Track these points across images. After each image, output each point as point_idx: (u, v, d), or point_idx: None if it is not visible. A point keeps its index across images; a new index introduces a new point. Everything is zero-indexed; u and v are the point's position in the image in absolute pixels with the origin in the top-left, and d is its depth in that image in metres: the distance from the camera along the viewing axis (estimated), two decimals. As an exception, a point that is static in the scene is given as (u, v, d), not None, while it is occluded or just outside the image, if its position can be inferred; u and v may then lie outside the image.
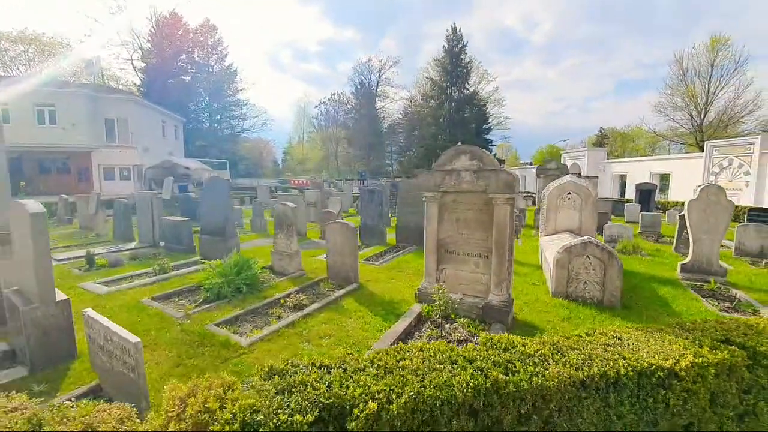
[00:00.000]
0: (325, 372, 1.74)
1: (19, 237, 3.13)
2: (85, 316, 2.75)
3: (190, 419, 1.46)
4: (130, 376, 2.37)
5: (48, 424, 1.46)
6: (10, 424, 1.41)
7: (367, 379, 1.67)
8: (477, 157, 3.90)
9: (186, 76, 44.55)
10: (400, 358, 1.87)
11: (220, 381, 1.65)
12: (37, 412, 1.50)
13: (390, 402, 1.54)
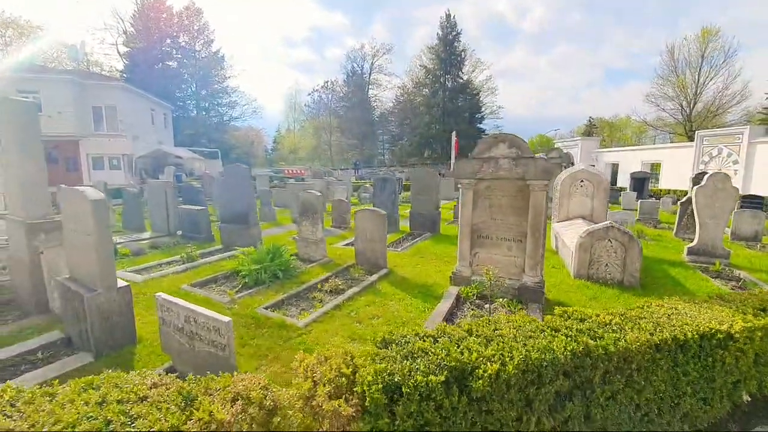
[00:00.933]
0: (432, 341, 1.90)
1: (75, 224, 3.15)
2: (159, 299, 2.83)
3: (330, 384, 1.60)
4: (218, 355, 2.49)
5: (196, 396, 1.57)
6: (162, 398, 1.51)
7: (475, 345, 1.84)
8: (516, 145, 4.05)
9: (171, 61, 43.16)
10: (494, 329, 2.05)
11: (342, 350, 1.80)
12: (183, 384, 1.61)
13: (504, 364, 1.71)
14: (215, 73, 45.96)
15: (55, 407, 1.38)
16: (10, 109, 3.71)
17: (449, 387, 1.65)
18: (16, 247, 3.95)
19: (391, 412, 1.57)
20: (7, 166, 3.88)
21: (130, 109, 26.66)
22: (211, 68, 45.14)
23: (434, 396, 1.58)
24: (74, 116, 23.39)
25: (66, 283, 3.24)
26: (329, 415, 1.50)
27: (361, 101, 46.08)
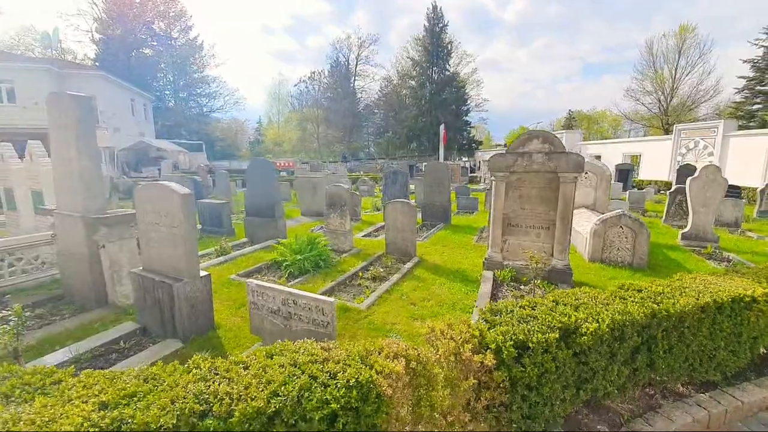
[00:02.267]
0: (530, 309, 2.27)
1: (156, 218, 3.31)
2: (251, 285, 3.07)
3: (469, 342, 1.94)
4: (319, 332, 2.77)
5: (366, 354, 1.87)
6: (342, 358, 1.79)
7: (568, 311, 2.22)
8: (549, 141, 4.46)
9: (146, 49, 41.39)
10: (576, 299, 2.44)
11: (459, 319, 2.14)
12: (348, 347, 1.91)
13: (598, 323, 2.10)
14: (193, 61, 44.46)
15: (257, 371, 1.65)
16: (71, 104, 3.77)
17: (559, 342, 2.03)
18: (72, 242, 4.03)
19: (518, 363, 1.93)
20: (63, 161, 3.94)
21: (110, 99, 25.60)
22: (189, 56, 43.62)
23: (551, 350, 1.96)
24: (51, 107, 22.19)
25: (146, 274, 3.41)
26: (475, 366, 1.84)
27: (347, 93, 45.75)
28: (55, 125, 3.91)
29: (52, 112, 3.92)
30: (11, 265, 4.62)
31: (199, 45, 44.25)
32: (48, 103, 3.97)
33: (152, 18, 41.12)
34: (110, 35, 36.64)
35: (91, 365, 2.92)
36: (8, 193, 5.94)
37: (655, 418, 2.42)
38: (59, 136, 3.90)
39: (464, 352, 1.86)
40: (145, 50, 41.40)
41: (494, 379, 1.91)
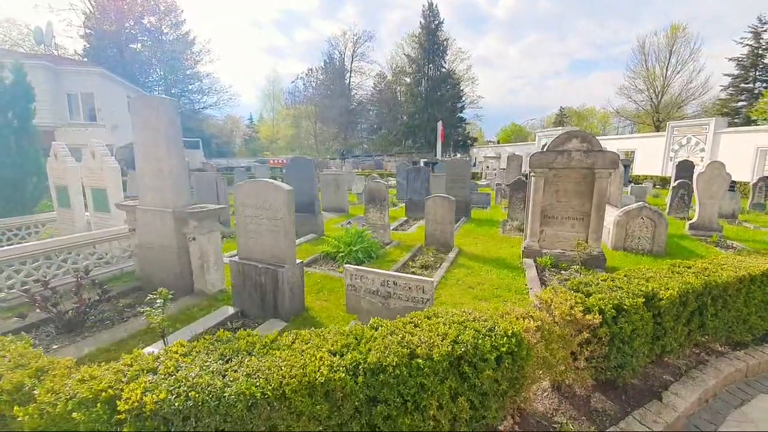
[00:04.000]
0: (611, 281, 2.76)
1: (258, 211, 3.68)
2: (349, 269, 3.49)
3: (578, 306, 2.41)
4: (417, 307, 3.21)
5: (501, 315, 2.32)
6: (483, 318, 2.24)
7: (643, 282, 2.72)
8: (587, 140, 4.97)
9: (136, 44, 40.65)
10: (642, 274, 2.94)
11: (561, 289, 2.61)
12: (482, 312, 2.35)
13: (670, 291, 2.61)
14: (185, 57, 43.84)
15: (430, 327, 2.08)
16: (161, 107, 4.08)
17: (644, 306, 2.52)
18: (160, 235, 4.36)
19: (615, 322, 2.42)
20: (151, 160, 4.26)
21: (108, 96, 25.23)
22: (181, 52, 42.99)
23: (639, 311, 2.45)
24: (48, 105, 21.85)
25: (246, 262, 3.79)
26: (585, 324, 2.32)
27: (343, 90, 45.84)
28: (143, 127, 4.22)
29: (139, 114, 4.22)
30: (85, 259, 4.91)
31: (191, 40, 43.63)
32: (135, 106, 4.28)
33: (142, 13, 40.36)
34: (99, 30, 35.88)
35: (213, 342, 3.30)
36: (61, 191, 6.16)
37: (706, 368, 2.95)
38: (146, 137, 4.20)
39: (576, 313, 2.33)
40: (135, 46, 40.68)
41: (597, 335, 2.40)
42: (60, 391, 1.56)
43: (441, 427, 1.89)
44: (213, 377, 1.59)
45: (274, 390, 1.56)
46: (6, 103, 6.39)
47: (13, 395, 1.66)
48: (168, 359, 1.74)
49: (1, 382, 1.67)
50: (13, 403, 1.60)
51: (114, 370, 1.66)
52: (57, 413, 1.49)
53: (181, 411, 1.45)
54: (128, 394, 1.49)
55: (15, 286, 4.22)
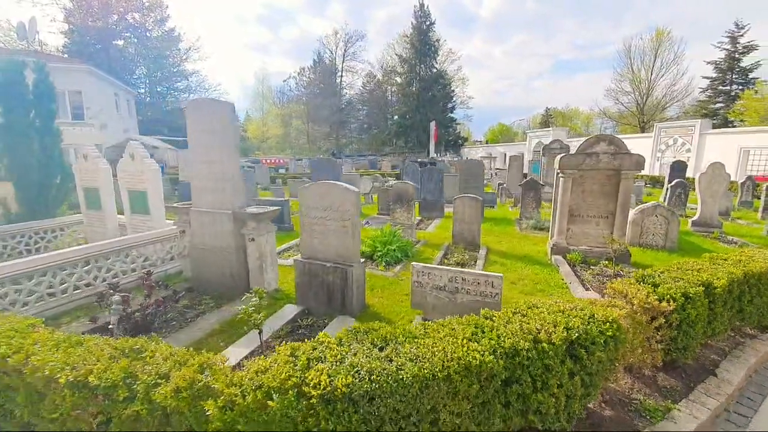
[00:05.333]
0: (667, 272, 3.07)
1: (325, 212, 3.83)
2: (417, 267, 3.69)
3: (652, 295, 2.69)
4: (486, 302, 3.44)
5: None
6: (572, 308, 2.48)
7: (696, 272, 3.05)
8: (614, 143, 5.32)
9: (119, 40, 39.46)
10: (691, 266, 3.27)
11: (629, 281, 2.90)
12: (563, 306, 2.60)
13: (722, 280, 2.93)
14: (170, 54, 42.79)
15: (533, 318, 2.32)
16: (219, 110, 4.17)
17: (703, 294, 2.84)
18: (216, 236, 4.44)
19: (683, 309, 2.71)
20: (207, 163, 4.34)
21: (96, 94, 24.46)
22: (166, 49, 41.94)
23: (699, 297, 2.76)
24: (34, 102, 20.99)
25: (313, 261, 3.93)
26: (661, 310, 2.61)
27: (335, 89, 45.75)
28: (199, 129, 4.30)
29: (195, 116, 4.30)
30: (132, 261, 4.93)
31: (177, 37, 42.60)
32: (190, 109, 4.35)
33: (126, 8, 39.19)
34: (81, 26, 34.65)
35: (291, 339, 3.45)
36: (90, 193, 6.10)
37: (744, 349, 3.31)
38: (205, 139, 4.28)
39: (653, 301, 2.62)
40: (119, 42, 39.49)
41: (669, 321, 2.69)
42: (240, 383, 1.70)
43: (559, 404, 2.13)
44: (382, 362, 1.78)
45: (440, 372, 1.75)
46: (29, 102, 6.27)
47: (188, 391, 1.74)
48: (326, 348, 1.91)
49: (173, 380, 1.73)
50: (192, 399, 1.69)
51: (283, 360, 1.81)
52: (248, 403, 1.62)
53: (368, 393, 1.63)
54: (315, 380, 1.65)
55: (68, 290, 4.22)
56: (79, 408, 1.82)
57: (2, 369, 2.02)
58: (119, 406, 1.75)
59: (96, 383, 1.74)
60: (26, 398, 1.98)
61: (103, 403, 1.79)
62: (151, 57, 40.66)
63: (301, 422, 1.62)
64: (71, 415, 1.84)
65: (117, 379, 1.76)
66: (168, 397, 1.64)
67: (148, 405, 1.71)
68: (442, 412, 1.82)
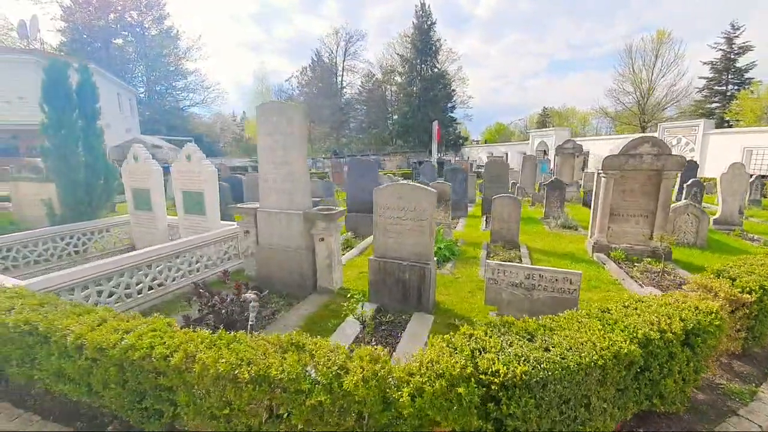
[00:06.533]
0: (738, 267, 3.28)
1: (400, 213, 3.97)
2: (491, 265, 3.85)
3: (737, 287, 2.89)
4: (563, 298, 3.61)
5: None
6: (660, 302, 2.68)
7: (759, 266, 3.25)
8: (657, 144, 5.54)
9: (117, 39, 39.00)
10: (753, 261, 3.48)
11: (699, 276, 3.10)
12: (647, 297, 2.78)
13: (798, 276, 3.15)
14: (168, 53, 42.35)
15: (645, 311, 2.49)
16: (295, 113, 4.28)
17: (779, 289, 3.05)
18: (285, 236, 4.54)
19: (761, 300, 2.92)
20: (278, 165, 4.44)
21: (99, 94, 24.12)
22: (164, 48, 41.50)
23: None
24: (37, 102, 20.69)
25: (388, 260, 4.07)
26: (743, 300, 2.81)
27: (335, 88, 45.71)
28: (271, 131, 4.39)
29: (268, 119, 4.39)
30: (197, 261, 5.02)
31: (175, 35, 42.18)
32: (260, 112, 4.45)
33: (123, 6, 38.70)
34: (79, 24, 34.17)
35: (378, 335, 3.59)
36: (139, 193, 6.15)
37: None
38: (276, 141, 4.38)
39: (736, 293, 2.82)
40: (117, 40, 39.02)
41: (750, 311, 2.89)
42: (416, 373, 1.84)
43: (677, 387, 2.31)
44: (540, 352, 1.93)
45: (598, 360, 1.92)
46: (74, 103, 6.29)
47: (374, 380, 1.83)
48: (477, 340, 2.06)
49: (356, 371, 1.82)
50: (378, 388, 1.80)
51: (447, 352, 1.95)
52: (435, 390, 1.74)
53: (542, 379, 1.79)
54: (491, 368, 1.80)
55: (143, 290, 4.30)
56: (254, 402, 1.94)
57: (158, 368, 2.11)
58: (299, 398, 1.88)
59: (280, 377, 1.86)
60: (188, 396, 2.08)
61: (281, 396, 1.91)
62: (150, 56, 40.21)
63: (481, 407, 1.77)
64: (245, 410, 1.95)
65: (298, 371, 1.88)
66: (359, 387, 1.77)
67: (330, 395, 1.84)
68: (593, 397, 1.99)
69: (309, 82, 47.31)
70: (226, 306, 3.69)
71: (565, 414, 1.91)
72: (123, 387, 2.22)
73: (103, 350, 2.20)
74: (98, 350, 2.22)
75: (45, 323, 2.46)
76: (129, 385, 2.20)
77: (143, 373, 2.15)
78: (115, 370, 2.19)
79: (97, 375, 2.27)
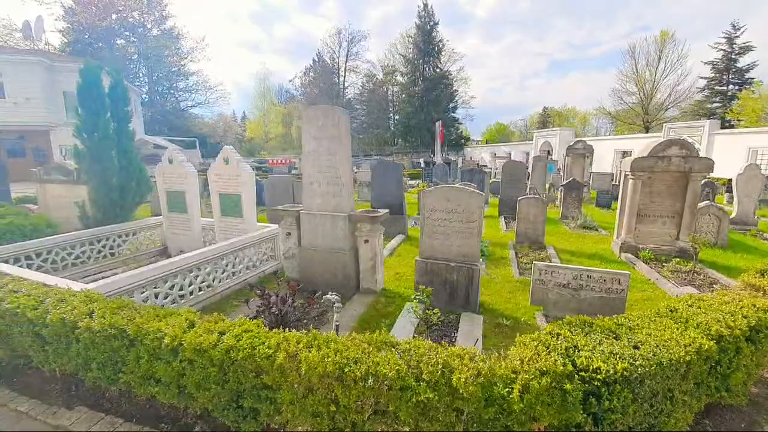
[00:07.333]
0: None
1: (448, 214, 4.08)
2: (539, 266, 3.97)
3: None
4: (610, 298, 3.73)
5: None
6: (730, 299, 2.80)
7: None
8: (685, 147, 5.67)
9: (119, 39, 38.89)
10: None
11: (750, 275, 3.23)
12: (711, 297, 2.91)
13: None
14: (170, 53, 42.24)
15: (710, 310, 2.61)
16: (342, 118, 4.38)
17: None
18: (330, 238, 4.64)
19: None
20: (324, 167, 4.54)
21: (105, 94, 24.10)
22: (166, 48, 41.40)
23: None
24: (44, 103, 20.79)
25: (435, 261, 4.17)
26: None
27: (338, 88, 45.76)
28: (317, 135, 4.48)
29: (314, 122, 4.48)
30: (240, 263, 5.10)
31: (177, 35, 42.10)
32: (306, 115, 4.54)
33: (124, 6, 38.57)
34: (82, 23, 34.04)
35: (433, 334, 3.69)
36: (174, 196, 6.22)
37: None
38: (322, 144, 4.47)
39: (795, 293, 2.95)
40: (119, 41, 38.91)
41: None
42: (521, 370, 1.95)
43: (743, 380, 2.44)
44: (632, 350, 2.05)
45: (684, 356, 2.03)
46: (107, 106, 6.35)
47: (480, 378, 1.92)
48: (563, 339, 2.17)
49: (460, 369, 1.93)
50: (484, 385, 1.90)
51: (542, 350, 2.07)
52: (541, 387, 1.85)
53: (640, 375, 1.90)
54: (590, 365, 1.91)
55: (194, 291, 4.39)
56: (361, 399, 2.04)
57: (261, 368, 2.20)
58: (406, 395, 1.98)
59: (391, 375, 1.96)
60: (292, 395, 2.17)
61: (387, 393, 2.01)
62: (152, 56, 40.10)
63: (582, 401, 1.88)
64: (351, 407, 2.06)
65: (403, 370, 1.99)
66: (468, 384, 1.88)
67: (436, 392, 1.95)
68: (676, 391, 2.11)
69: (311, 82, 47.38)
70: (288, 307, 3.79)
71: (654, 407, 2.03)
72: (222, 387, 2.31)
73: (203, 351, 2.29)
74: (196, 352, 2.31)
75: (133, 327, 2.53)
76: (229, 386, 2.29)
77: (244, 372, 2.24)
78: (215, 370, 2.28)
79: (193, 376, 2.35)
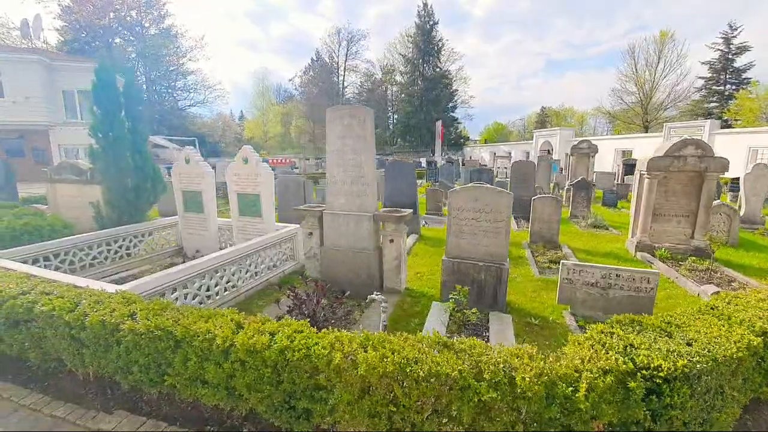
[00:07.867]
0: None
1: (477, 214, 4.10)
2: (567, 264, 4.00)
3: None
4: (639, 296, 3.77)
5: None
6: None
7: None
8: (701, 146, 5.73)
9: (116, 38, 38.57)
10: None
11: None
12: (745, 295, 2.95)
13: None
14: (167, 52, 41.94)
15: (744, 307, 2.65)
16: (368, 117, 4.39)
17: None
18: (353, 238, 4.64)
19: None
20: (348, 167, 4.54)
21: (104, 93, 23.87)
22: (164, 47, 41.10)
23: None
24: (43, 102, 20.56)
25: (463, 260, 4.19)
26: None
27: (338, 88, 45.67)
28: (342, 135, 4.49)
29: (339, 122, 4.49)
30: (262, 262, 5.09)
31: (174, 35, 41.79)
32: (330, 114, 4.55)
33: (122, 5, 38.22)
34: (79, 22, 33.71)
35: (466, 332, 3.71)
36: (190, 196, 6.19)
37: None
38: (347, 144, 4.48)
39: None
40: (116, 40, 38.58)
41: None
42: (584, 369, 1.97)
43: (787, 380, 2.48)
44: (686, 347, 2.08)
45: (736, 353, 2.07)
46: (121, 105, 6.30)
47: (542, 378, 1.94)
48: (625, 337, 2.19)
49: (522, 370, 1.94)
50: (547, 385, 1.92)
51: (599, 348, 2.09)
52: (606, 386, 1.87)
53: (698, 372, 1.93)
54: (651, 363, 1.94)
55: (219, 291, 4.38)
56: (421, 399, 2.05)
57: (317, 368, 2.20)
58: (467, 394, 1.99)
59: (453, 375, 1.97)
60: (349, 395, 2.17)
61: (448, 393, 2.02)
62: (150, 55, 39.79)
63: (645, 398, 1.91)
64: (411, 407, 2.06)
65: (465, 370, 2.00)
66: (532, 383, 1.89)
67: (498, 392, 1.96)
68: (726, 386, 2.14)
69: (310, 82, 47.24)
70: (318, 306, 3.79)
71: (707, 402, 2.06)
72: (276, 388, 2.31)
73: (256, 352, 2.28)
74: (249, 353, 2.30)
75: (180, 328, 2.51)
76: (283, 386, 2.29)
77: (299, 373, 2.24)
78: (269, 371, 2.27)
79: (244, 377, 2.34)
